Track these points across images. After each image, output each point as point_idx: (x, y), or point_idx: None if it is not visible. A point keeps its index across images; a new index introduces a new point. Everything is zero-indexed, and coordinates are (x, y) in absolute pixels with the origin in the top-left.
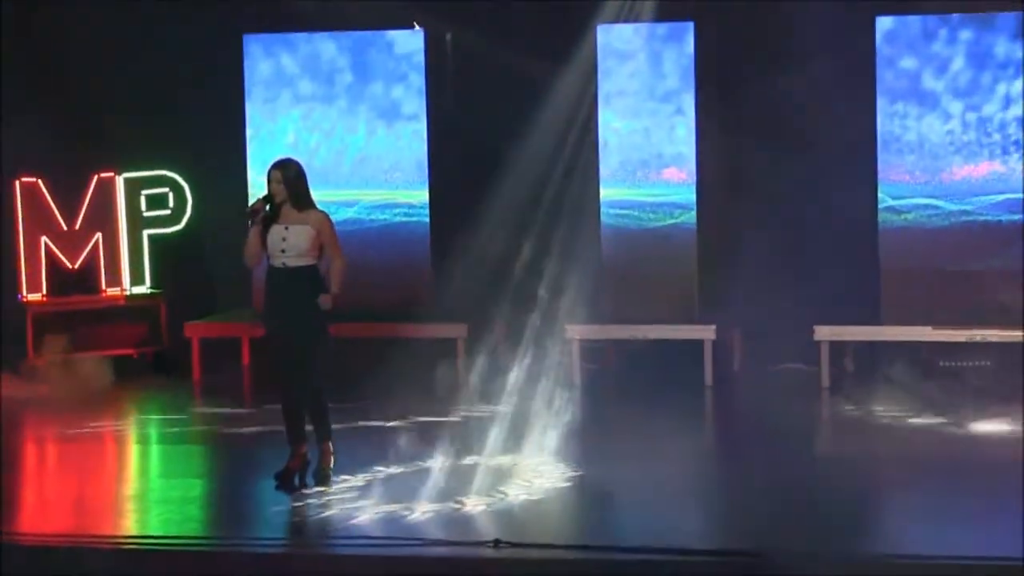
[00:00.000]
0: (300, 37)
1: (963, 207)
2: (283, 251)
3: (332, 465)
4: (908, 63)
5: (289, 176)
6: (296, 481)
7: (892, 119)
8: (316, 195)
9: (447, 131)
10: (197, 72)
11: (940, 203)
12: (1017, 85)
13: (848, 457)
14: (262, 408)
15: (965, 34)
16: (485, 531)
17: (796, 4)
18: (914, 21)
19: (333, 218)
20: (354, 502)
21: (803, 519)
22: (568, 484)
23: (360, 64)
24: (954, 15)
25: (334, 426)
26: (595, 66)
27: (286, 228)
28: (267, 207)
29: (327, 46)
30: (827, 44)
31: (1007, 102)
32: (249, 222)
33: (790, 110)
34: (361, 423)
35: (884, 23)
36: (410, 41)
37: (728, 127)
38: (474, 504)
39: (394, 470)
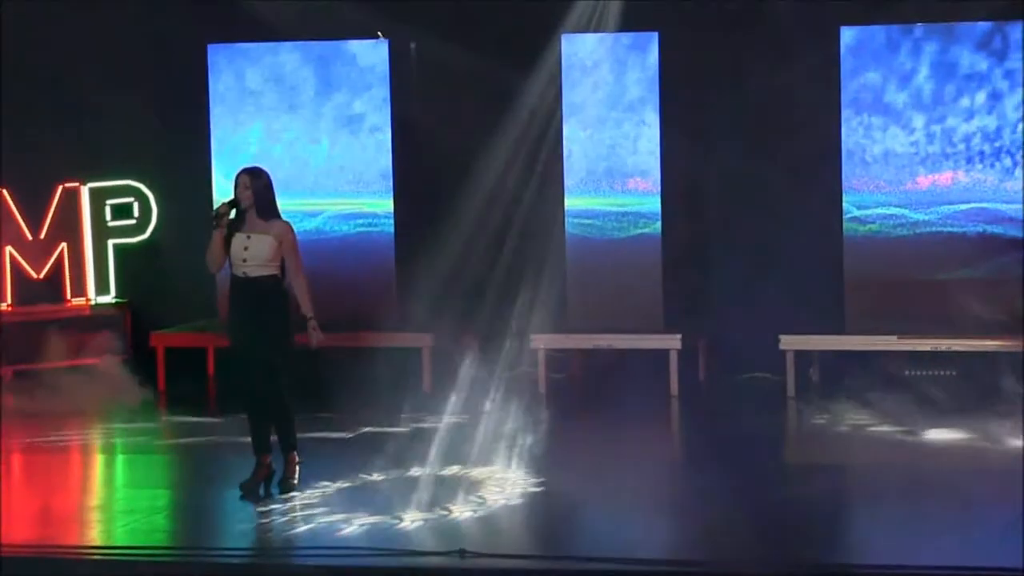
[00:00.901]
0: (264, 47)
1: (928, 217)
2: (244, 260)
3: (297, 475)
4: (872, 73)
5: (258, 185)
6: (261, 491)
7: (857, 129)
8: (281, 205)
9: (412, 141)
10: (161, 82)
11: (905, 213)
12: (981, 96)
13: (814, 466)
14: (227, 418)
15: (929, 45)
16: (451, 541)
17: (760, 14)
18: (878, 31)
19: (297, 228)
20: (320, 513)
21: (768, 529)
22: (534, 494)
23: (324, 74)
24: (917, 25)
25: (299, 436)
26: (560, 76)
27: (248, 237)
28: (232, 211)
29: (291, 56)
30: (791, 54)
31: (971, 113)
32: (214, 224)
33: (754, 120)
34: (326, 433)
35: (848, 34)
36: (374, 51)
37: (693, 137)
38: (440, 514)
39: (359, 481)
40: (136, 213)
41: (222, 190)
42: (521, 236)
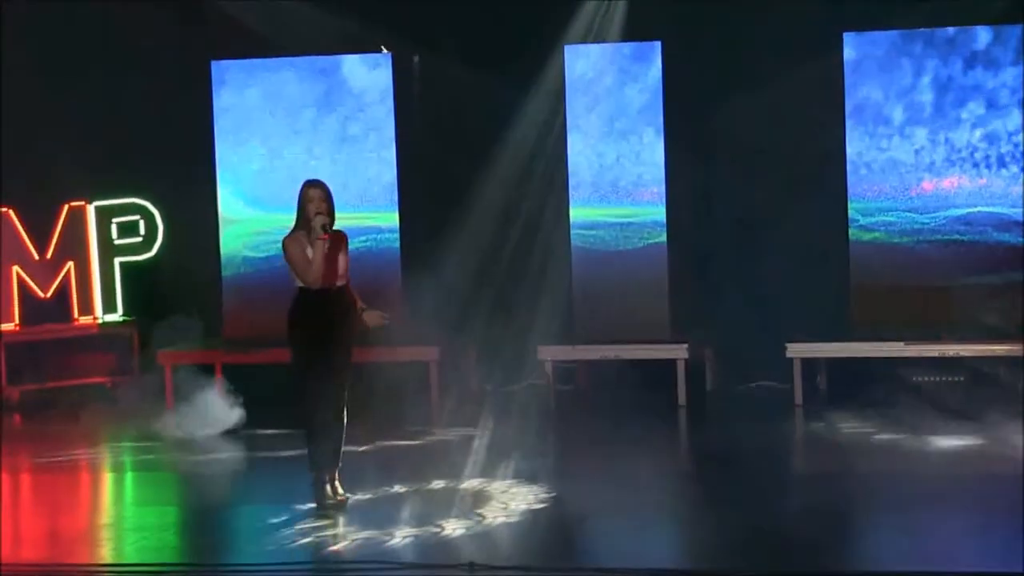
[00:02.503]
0: (267, 63)
1: (933, 222)
2: (339, 272)
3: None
4: (876, 79)
5: (329, 195)
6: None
7: (861, 135)
8: (284, 219)
9: (416, 155)
10: (167, 99)
11: (910, 218)
12: (983, 102)
13: (823, 475)
14: (236, 435)
15: (932, 50)
16: (460, 554)
17: (763, 23)
18: (881, 37)
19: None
20: (332, 528)
21: (779, 540)
22: (543, 506)
23: (327, 89)
24: (921, 31)
25: (306, 451)
26: (563, 87)
27: (337, 248)
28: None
29: (294, 71)
30: (795, 61)
31: (976, 117)
32: (321, 236)
33: (759, 128)
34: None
35: (852, 40)
36: (378, 65)
37: (697, 146)
38: (451, 528)
39: (369, 495)
40: (142, 231)
41: (227, 206)
42: (526, 247)
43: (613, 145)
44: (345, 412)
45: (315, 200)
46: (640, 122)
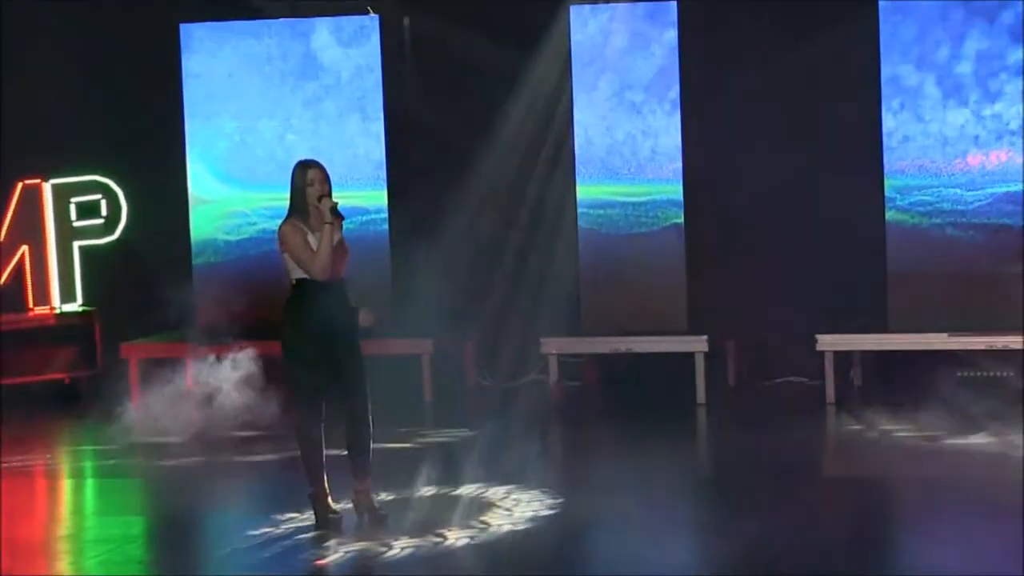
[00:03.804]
0: (243, 25)
1: (979, 201)
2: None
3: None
4: (916, 44)
5: (328, 176)
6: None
7: (899, 106)
8: (261, 199)
9: (406, 127)
10: (130, 65)
11: (954, 196)
12: None
13: (857, 480)
14: (207, 437)
15: (979, 11)
16: (467, 565)
17: None
18: None
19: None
20: (324, 538)
21: (807, 550)
22: (550, 514)
23: (309, 54)
24: None
25: (295, 455)
26: (569, 52)
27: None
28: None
29: (273, 34)
30: (825, 24)
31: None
32: (332, 221)
33: (786, 97)
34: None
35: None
36: (364, 28)
37: (718, 117)
38: (455, 537)
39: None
40: (104, 211)
41: (198, 184)
42: (529, 230)
43: (624, 116)
44: (366, 417)
45: (316, 182)
46: (654, 91)
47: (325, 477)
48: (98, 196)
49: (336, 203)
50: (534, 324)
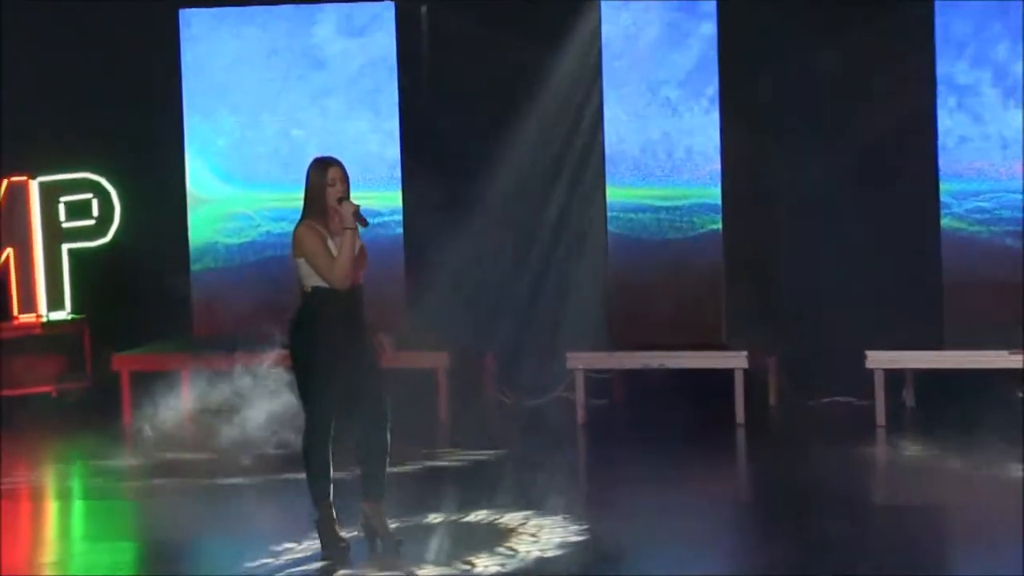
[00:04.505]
0: (245, 11)
1: None
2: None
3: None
4: (975, 34)
5: (348, 176)
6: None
7: (957, 104)
8: (266, 200)
9: (423, 123)
10: (124, 54)
11: (1012, 204)
12: None
13: (909, 509)
14: (205, 456)
15: None
16: None
17: None
18: None
19: (286, 229)
20: (330, 569)
21: None
22: (575, 543)
23: (318, 44)
24: None
25: (298, 476)
26: (599, 45)
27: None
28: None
29: (279, 22)
30: (876, 15)
31: None
32: (355, 225)
33: (833, 94)
34: (336, 473)
35: None
36: (378, 16)
37: (759, 115)
38: (462, 569)
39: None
40: (95, 212)
41: (197, 182)
42: (554, 235)
43: (658, 114)
44: (383, 435)
45: (337, 182)
46: (691, 87)
47: (332, 502)
48: (89, 195)
49: (358, 206)
50: (559, 337)
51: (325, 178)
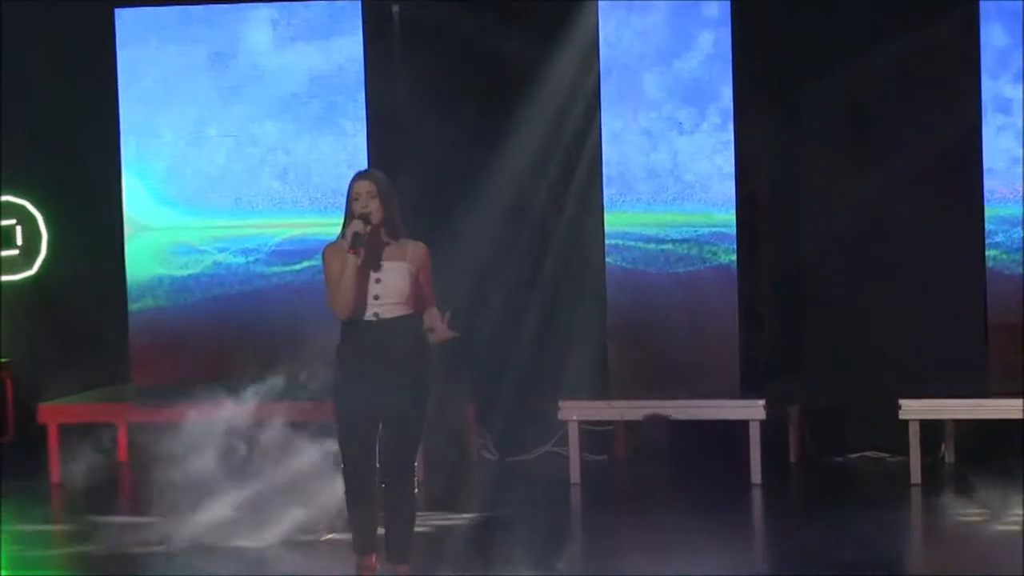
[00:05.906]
0: (192, 11)
1: None
2: (376, 297)
3: None
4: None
5: (384, 191)
6: None
7: (1005, 121)
8: (216, 228)
9: (395, 137)
10: (53, 60)
11: None
12: None
13: None
14: (145, 520)
15: None
16: None
17: None
18: None
19: (240, 260)
20: None
21: None
22: None
23: (277, 46)
24: None
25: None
26: (596, 49)
27: (379, 266)
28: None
29: (231, 22)
30: (913, 24)
31: None
32: (350, 249)
33: (863, 110)
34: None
35: None
36: (343, 15)
37: (780, 134)
38: None
39: None
40: (19, 240)
41: (136, 206)
42: (545, 267)
43: (664, 130)
44: (408, 489)
45: (361, 196)
46: (701, 98)
47: (369, 544)
48: (13, 221)
49: (363, 227)
50: (550, 384)
51: (351, 192)
